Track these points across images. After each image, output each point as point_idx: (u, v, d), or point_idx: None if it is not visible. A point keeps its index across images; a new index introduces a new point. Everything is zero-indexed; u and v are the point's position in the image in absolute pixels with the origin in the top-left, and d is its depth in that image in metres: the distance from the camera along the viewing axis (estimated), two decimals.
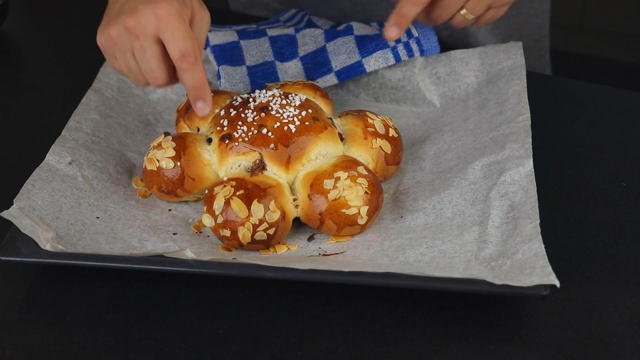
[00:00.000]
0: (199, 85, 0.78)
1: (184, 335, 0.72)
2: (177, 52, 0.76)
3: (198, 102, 0.79)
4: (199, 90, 0.78)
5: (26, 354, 0.70)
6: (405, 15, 0.85)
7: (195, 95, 0.78)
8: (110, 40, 0.78)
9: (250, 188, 0.79)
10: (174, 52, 0.76)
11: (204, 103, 0.79)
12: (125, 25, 0.76)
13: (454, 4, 0.85)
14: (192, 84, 0.77)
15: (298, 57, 1.01)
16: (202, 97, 0.78)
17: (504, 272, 0.72)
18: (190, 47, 0.76)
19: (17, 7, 1.27)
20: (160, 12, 0.75)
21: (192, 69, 0.76)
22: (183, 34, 0.76)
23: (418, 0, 0.83)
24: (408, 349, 0.70)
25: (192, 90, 0.78)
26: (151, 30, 0.76)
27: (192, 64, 0.76)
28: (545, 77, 1.10)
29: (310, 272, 0.72)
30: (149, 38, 0.76)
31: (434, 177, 0.88)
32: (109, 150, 0.90)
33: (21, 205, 0.78)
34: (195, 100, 0.79)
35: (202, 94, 0.78)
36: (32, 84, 1.10)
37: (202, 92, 0.78)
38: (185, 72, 0.77)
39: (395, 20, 0.86)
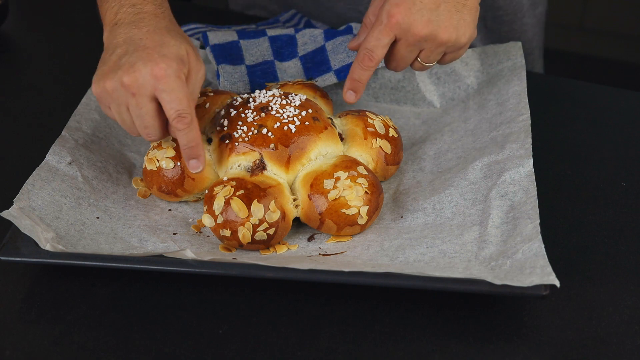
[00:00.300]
0: (193, 145, 0.79)
1: (184, 335, 0.72)
2: (174, 113, 0.77)
3: (192, 161, 0.80)
4: (193, 149, 0.79)
5: (26, 354, 0.70)
6: (358, 80, 0.86)
7: (190, 154, 0.80)
8: (106, 93, 0.78)
9: (250, 188, 0.79)
10: (171, 112, 0.77)
11: (197, 161, 0.80)
12: (122, 82, 0.77)
13: (406, 58, 0.86)
14: (186, 143, 0.79)
15: (297, 57, 1.01)
16: (195, 155, 0.80)
17: (504, 272, 0.72)
18: (187, 107, 0.77)
19: (17, 7, 1.27)
20: (158, 73, 0.76)
21: (187, 129, 0.78)
22: (180, 95, 0.77)
23: (366, 66, 0.85)
24: (408, 349, 0.70)
25: (186, 150, 0.79)
26: (148, 90, 0.76)
27: (188, 124, 0.77)
28: (545, 77, 1.10)
29: (310, 272, 0.72)
30: (145, 97, 0.77)
31: (434, 177, 0.88)
32: (109, 150, 0.90)
33: (21, 205, 0.78)
34: (189, 158, 0.80)
35: (196, 152, 0.80)
36: (32, 84, 1.10)
37: (195, 150, 0.79)
38: (181, 132, 0.78)
39: (350, 86, 0.87)
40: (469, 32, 0.84)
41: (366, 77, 0.86)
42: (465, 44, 0.85)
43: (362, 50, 0.84)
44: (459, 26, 0.82)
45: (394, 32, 0.82)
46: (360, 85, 0.87)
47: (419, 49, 0.84)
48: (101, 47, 1.09)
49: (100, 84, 0.78)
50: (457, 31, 0.82)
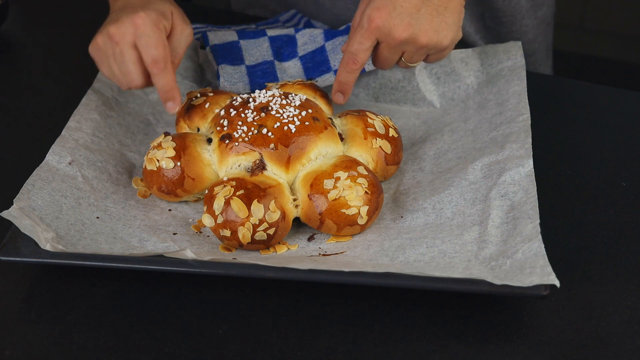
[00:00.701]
0: (167, 88, 0.85)
1: (184, 335, 0.72)
2: (149, 58, 0.83)
3: (168, 102, 0.86)
4: (168, 92, 0.85)
5: (26, 354, 0.70)
6: (345, 83, 0.90)
7: (165, 97, 0.85)
8: (98, 48, 0.86)
9: (250, 188, 0.79)
10: (146, 57, 0.83)
11: (172, 103, 0.86)
12: (109, 33, 0.84)
13: (390, 60, 0.88)
14: (161, 87, 0.84)
15: (297, 57, 1.01)
16: (170, 97, 0.85)
17: (504, 272, 0.72)
18: (162, 53, 0.83)
19: (17, 7, 1.27)
20: (137, 21, 0.83)
21: (161, 73, 0.83)
22: (156, 41, 0.83)
23: (351, 69, 0.88)
24: (408, 349, 0.70)
25: (161, 92, 0.85)
26: (129, 37, 0.83)
27: (162, 69, 0.83)
28: (545, 77, 1.10)
29: (310, 272, 0.72)
30: (126, 44, 0.83)
31: (434, 177, 0.88)
32: (109, 150, 0.90)
33: (21, 205, 0.78)
34: (165, 100, 0.86)
35: (171, 95, 0.85)
36: (32, 84, 1.10)
37: (170, 93, 0.85)
38: (156, 77, 0.84)
39: (338, 88, 0.91)
40: (451, 35, 0.85)
41: (352, 79, 0.89)
42: (448, 45, 0.86)
43: (346, 53, 0.87)
44: (440, 29, 0.84)
45: (375, 35, 0.85)
46: (348, 87, 0.90)
47: (401, 51, 0.86)
48: None
49: (94, 42, 0.87)
50: (438, 34, 0.84)
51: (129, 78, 0.85)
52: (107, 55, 0.85)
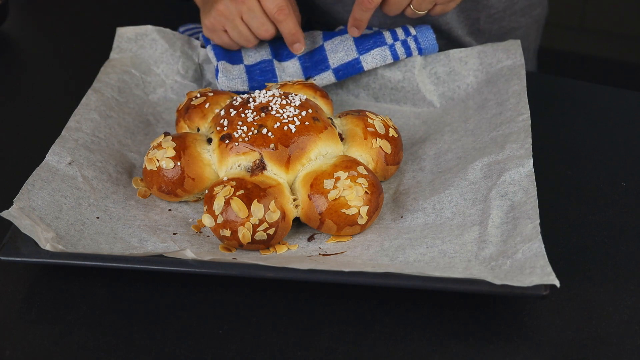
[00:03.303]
0: (294, 31, 0.97)
1: (184, 335, 0.72)
2: (274, 7, 0.94)
3: (295, 44, 0.98)
4: (294, 35, 0.97)
5: (26, 354, 0.70)
6: (359, 20, 0.96)
7: (292, 40, 0.98)
8: (220, 15, 0.96)
9: (250, 188, 0.79)
10: (272, 7, 0.94)
11: (299, 44, 0.98)
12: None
13: (399, 4, 0.94)
14: (288, 31, 0.96)
15: (296, 57, 1.01)
16: (297, 40, 0.98)
17: (504, 272, 0.72)
18: (283, 1, 0.94)
19: (17, 7, 1.27)
20: None
21: (286, 19, 0.95)
22: None
23: (366, 7, 0.94)
24: (408, 349, 0.70)
25: (288, 36, 0.97)
26: None
27: (287, 15, 0.95)
28: (545, 77, 1.10)
29: (310, 272, 0.72)
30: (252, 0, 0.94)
31: (434, 177, 0.88)
32: (109, 150, 0.90)
33: (21, 205, 0.78)
34: (292, 43, 0.98)
35: (297, 37, 0.98)
36: (32, 84, 1.10)
37: (296, 36, 0.97)
38: (283, 23, 0.96)
39: (353, 23, 0.97)
40: None
41: (366, 17, 0.96)
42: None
43: None
44: None
45: None
46: (362, 23, 0.97)
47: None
48: (101, 47, 1.09)
49: (212, 12, 0.97)
50: None
51: (263, 29, 0.96)
52: (231, 18, 0.95)
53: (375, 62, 0.98)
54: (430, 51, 1.00)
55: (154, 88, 1.03)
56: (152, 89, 1.03)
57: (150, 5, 1.31)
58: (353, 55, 0.98)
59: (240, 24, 0.96)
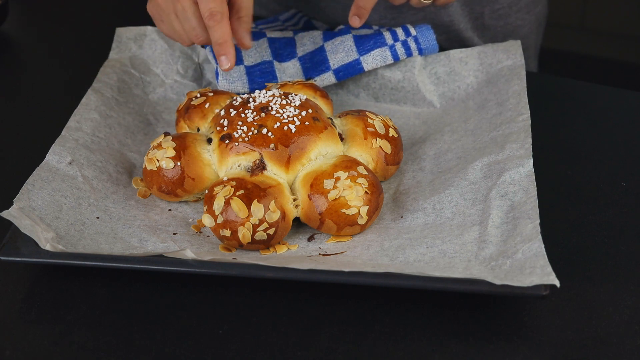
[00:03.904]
0: (221, 41, 0.86)
1: (184, 335, 0.72)
2: (206, 11, 0.85)
3: (221, 57, 0.87)
4: (222, 45, 0.87)
5: (26, 354, 0.70)
6: (363, 8, 0.94)
7: (219, 50, 0.87)
8: (157, 6, 0.90)
9: (250, 188, 0.79)
10: (203, 10, 0.85)
11: (226, 57, 0.87)
12: None
13: None
14: (216, 39, 0.86)
15: (296, 57, 1.01)
16: (224, 52, 0.87)
17: (504, 272, 0.72)
18: (218, 5, 0.85)
19: (17, 7, 1.27)
20: None
21: (217, 25, 0.85)
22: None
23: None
24: (408, 349, 0.70)
25: (216, 46, 0.87)
26: None
27: (218, 22, 0.85)
28: (545, 77, 1.10)
29: (310, 272, 0.72)
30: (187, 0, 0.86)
31: (434, 177, 0.88)
32: (109, 150, 0.90)
33: (21, 205, 0.78)
34: (219, 54, 0.87)
35: (225, 49, 0.87)
36: (32, 84, 1.10)
37: (224, 47, 0.87)
38: (211, 29, 0.86)
39: (356, 12, 0.95)
40: None
41: (370, 5, 0.93)
42: None
43: None
44: None
45: None
46: (365, 11, 0.94)
47: None
48: (101, 47, 1.09)
49: (152, 1, 0.90)
50: None
51: (194, 33, 0.88)
52: (167, 13, 0.88)
53: (375, 62, 0.98)
54: (430, 51, 1.00)
55: (153, 88, 1.03)
56: (151, 89, 1.03)
57: None
58: (353, 56, 0.98)
59: (174, 20, 0.89)
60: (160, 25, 0.92)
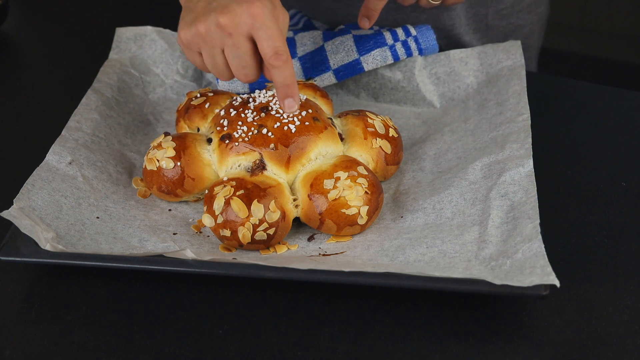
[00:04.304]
0: (289, 83, 0.80)
1: (184, 335, 0.72)
2: (270, 50, 0.78)
3: (287, 100, 0.81)
4: (289, 87, 0.80)
5: (26, 354, 0.70)
6: (373, 9, 0.93)
7: (285, 93, 0.81)
8: (199, 37, 0.80)
9: (250, 188, 0.79)
10: (267, 49, 0.78)
11: (292, 100, 0.81)
12: (218, 23, 0.78)
13: None
14: (282, 81, 0.80)
15: (296, 57, 1.01)
16: (291, 94, 0.81)
17: (504, 272, 0.72)
18: (282, 45, 0.79)
19: (17, 7, 1.27)
20: (255, 11, 0.78)
21: (283, 66, 0.79)
22: (276, 33, 0.78)
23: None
24: (408, 349, 0.70)
25: (281, 87, 0.81)
26: (245, 28, 0.78)
27: (284, 62, 0.79)
28: (545, 77, 1.10)
29: (310, 272, 0.72)
30: (242, 36, 0.78)
31: (434, 177, 0.88)
32: (109, 150, 0.90)
33: (21, 205, 0.78)
34: (284, 97, 0.81)
35: (291, 91, 0.81)
36: (32, 84, 1.10)
37: (291, 89, 0.81)
38: (277, 70, 0.79)
39: (365, 13, 0.94)
40: None
41: (380, 6, 0.92)
42: None
43: None
44: None
45: None
46: (375, 13, 0.92)
47: None
48: (101, 47, 1.09)
49: (191, 29, 0.80)
50: None
51: (243, 72, 0.81)
52: (210, 46, 0.80)
53: (375, 62, 0.98)
54: (430, 51, 1.00)
55: (153, 88, 1.03)
56: (151, 89, 1.03)
57: (150, 6, 1.31)
58: (353, 56, 0.98)
59: (218, 54, 0.81)
60: (193, 56, 0.83)
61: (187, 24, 0.81)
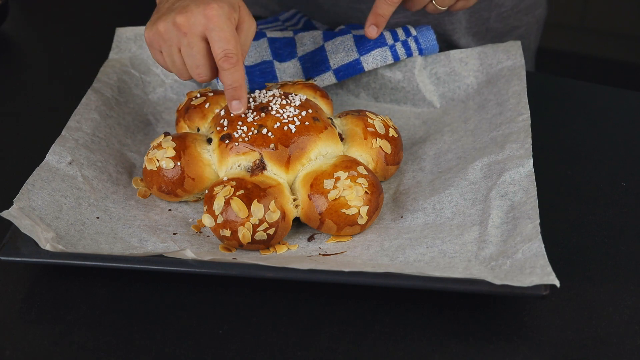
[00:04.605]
0: (236, 85, 0.82)
1: (184, 335, 0.72)
2: (221, 52, 0.80)
3: (234, 101, 0.83)
4: (236, 90, 0.82)
5: (26, 354, 0.70)
6: (381, 15, 0.92)
7: (232, 95, 0.83)
8: (158, 35, 0.83)
9: (250, 188, 0.79)
10: (218, 51, 0.80)
11: (239, 102, 0.83)
12: (175, 22, 0.81)
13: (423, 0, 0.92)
14: (230, 83, 0.82)
15: (297, 57, 1.01)
16: (238, 96, 0.83)
17: (504, 272, 0.72)
18: (234, 48, 0.80)
19: (17, 7, 1.27)
20: (210, 13, 0.80)
21: (232, 69, 0.81)
22: (228, 35, 0.80)
23: (391, 1, 0.91)
24: (408, 349, 0.70)
25: (229, 90, 0.82)
26: (199, 29, 0.80)
27: (234, 65, 0.81)
28: (545, 77, 1.10)
29: (310, 272, 0.72)
30: (196, 36, 0.81)
31: (434, 177, 0.88)
32: (109, 150, 0.90)
33: (21, 205, 0.78)
34: (232, 99, 0.83)
35: (239, 93, 0.83)
36: (32, 84, 1.10)
37: (239, 91, 0.82)
38: (226, 72, 0.81)
39: (373, 20, 0.93)
40: None
41: (389, 12, 0.92)
42: None
43: None
44: None
45: None
46: (383, 20, 0.92)
47: None
48: (101, 47, 1.09)
49: (153, 28, 0.83)
50: None
51: (197, 71, 0.83)
52: (168, 44, 0.82)
53: (375, 62, 0.98)
54: (430, 51, 1.00)
55: (153, 88, 1.03)
56: (151, 89, 1.03)
57: (150, 6, 1.30)
58: (354, 56, 0.98)
59: (176, 53, 0.83)
60: (156, 55, 0.85)
61: (152, 23, 0.84)
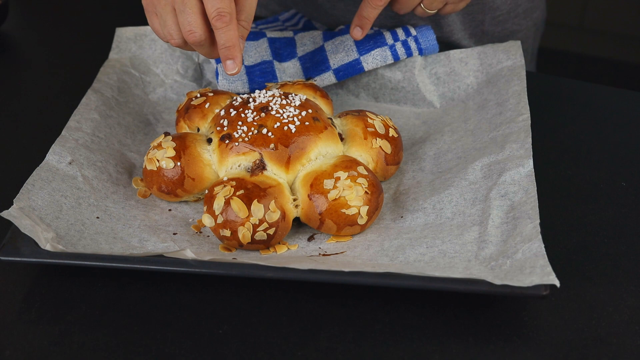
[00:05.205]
0: (230, 44, 0.81)
1: (184, 335, 0.72)
2: (214, 11, 0.79)
3: (228, 61, 0.82)
4: (230, 49, 0.81)
5: (26, 354, 0.70)
6: (366, 18, 0.92)
7: (226, 54, 0.81)
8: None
9: (250, 188, 0.79)
10: (211, 9, 0.79)
11: (233, 62, 0.82)
12: None
13: (411, 2, 0.92)
14: (223, 42, 0.81)
15: (297, 57, 1.01)
16: (231, 56, 0.81)
17: (504, 272, 0.72)
18: (227, 7, 0.79)
19: (17, 7, 1.27)
20: None
21: (225, 27, 0.80)
22: None
23: (376, 4, 0.90)
24: (408, 349, 0.70)
25: (223, 49, 0.81)
26: None
27: (227, 23, 0.79)
28: (544, 76, 1.10)
29: (310, 272, 0.72)
30: None
31: (434, 177, 0.88)
32: (109, 150, 0.90)
33: (21, 205, 0.78)
34: (225, 58, 0.82)
35: (232, 53, 0.81)
36: (32, 84, 1.10)
37: (232, 51, 0.81)
38: (219, 31, 0.80)
39: (358, 22, 0.93)
40: None
41: (374, 15, 0.91)
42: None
43: None
44: None
45: None
46: (368, 22, 0.92)
47: None
48: (101, 47, 1.09)
49: None
50: None
51: (189, 29, 0.80)
52: (163, 5, 0.81)
53: (375, 62, 0.98)
54: (430, 51, 1.00)
55: (153, 88, 1.03)
56: (151, 89, 1.03)
57: None
58: (353, 56, 0.98)
59: (169, 14, 0.81)
60: (152, 18, 0.84)
61: None
